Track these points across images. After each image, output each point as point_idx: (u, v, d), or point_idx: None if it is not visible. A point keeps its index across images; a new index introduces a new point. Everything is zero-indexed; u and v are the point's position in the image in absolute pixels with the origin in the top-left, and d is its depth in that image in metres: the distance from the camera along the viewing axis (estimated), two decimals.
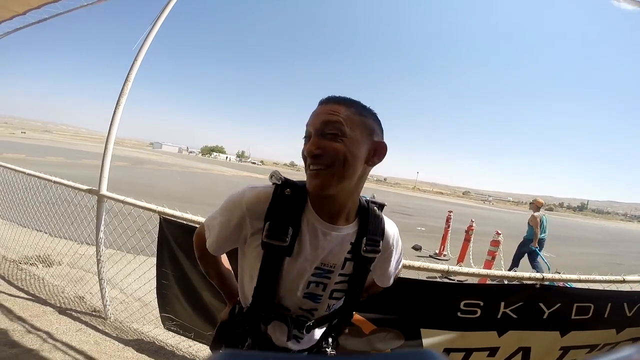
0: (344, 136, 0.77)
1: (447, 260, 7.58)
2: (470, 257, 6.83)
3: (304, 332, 0.93)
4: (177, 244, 2.07)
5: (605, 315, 1.83)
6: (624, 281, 1.96)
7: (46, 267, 3.55)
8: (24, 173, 3.27)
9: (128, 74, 2.49)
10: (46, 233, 3.87)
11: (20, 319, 2.45)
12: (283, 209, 0.82)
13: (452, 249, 8.06)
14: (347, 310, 0.99)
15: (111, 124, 2.42)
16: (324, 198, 0.84)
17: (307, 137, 0.81)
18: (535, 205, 6.31)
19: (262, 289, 0.87)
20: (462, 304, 1.70)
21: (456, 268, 1.80)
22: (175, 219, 2.09)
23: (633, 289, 1.98)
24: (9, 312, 2.50)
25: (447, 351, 1.73)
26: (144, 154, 51.22)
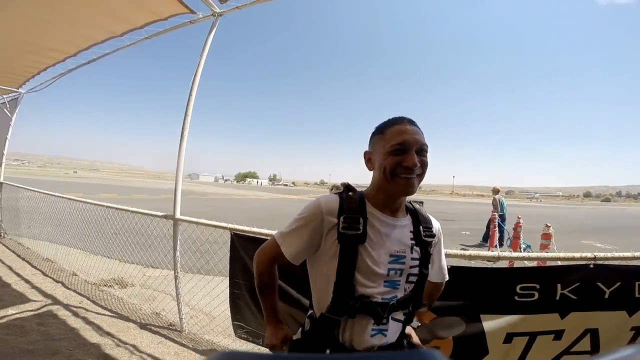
0: (427, 153, 1.03)
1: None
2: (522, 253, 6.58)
3: (388, 316, 1.01)
4: (247, 255, 2.32)
5: None
6: None
7: (121, 288, 3.97)
8: (104, 206, 3.78)
9: (186, 108, 2.80)
10: (116, 259, 4.37)
11: (108, 334, 2.78)
12: (351, 207, 1.01)
13: (501, 248, 7.83)
14: (419, 292, 1.09)
15: (178, 157, 2.77)
16: (389, 198, 1.04)
17: (401, 150, 0.98)
18: (494, 191, 9.14)
19: (342, 279, 0.97)
20: (518, 287, 1.74)
21: (506, 253, 1.86)
22: (244, 234, 2.36)
23: None
24: (98, 329, 2.86)
25: (511, 335, 1.77)
26: (184, 185, 53.66)
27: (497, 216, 7.91)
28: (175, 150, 2.81)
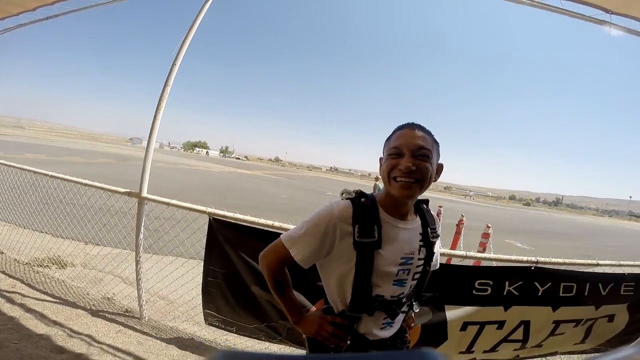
0: (430, 159, 1.00)
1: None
2: (461, 248, 7.23)
3: (399, 311, 1.12)
4: (227, 242, 2.18)
5: (586, 293, 2.18)
6: (597, 264, 2.35)
7: (60, 268, 3.53)
8: (47, 175, 3.14)
9: (167, 78, 2.54)
10: (49, 234, 3.90)
11: (56, 323, 2.49)
12: (365, 214, 1.03)
13: (442, 243, 8.59)
14: (422, 286, 1.21)
15: (152, 128, 2.51)
16: (397, 203, 1.06)
17: (397, 155, 1.01)
18: (376, 178, 10.11)
19: (360, 283, 1.04)
20: (476, 283, 2.03)
21: (472, 253, 2.15)
22: (225, 219, 2.19)
23: (605, 272, 2.34)
24: (42, 317, 2.53)
25: (466, 324, 2.06)
26: (125, 150, 48.36)
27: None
28: (111, 112, 2.48)
